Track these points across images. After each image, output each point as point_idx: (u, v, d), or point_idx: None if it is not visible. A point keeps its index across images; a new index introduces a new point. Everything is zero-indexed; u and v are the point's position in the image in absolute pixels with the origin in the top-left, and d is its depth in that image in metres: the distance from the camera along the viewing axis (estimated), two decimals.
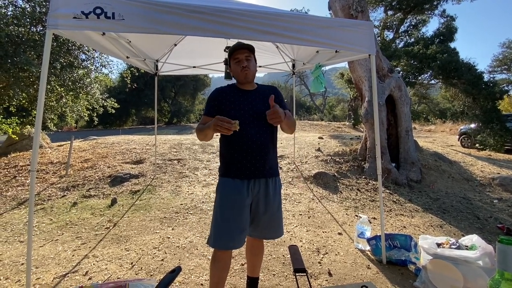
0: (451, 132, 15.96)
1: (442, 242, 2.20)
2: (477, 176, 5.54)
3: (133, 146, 6.97)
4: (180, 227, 3.22)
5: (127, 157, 6.16)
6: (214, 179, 4.98)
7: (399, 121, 5.60)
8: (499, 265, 0.60)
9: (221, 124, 1.35)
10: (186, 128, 17.25)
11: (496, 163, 7.17)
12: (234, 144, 1.54)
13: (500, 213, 3.96)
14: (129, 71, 8.85)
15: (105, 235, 3.06)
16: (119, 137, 8.39)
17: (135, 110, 25.55)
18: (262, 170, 1.56)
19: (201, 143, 7.33)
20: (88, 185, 4.76)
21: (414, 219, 3.62)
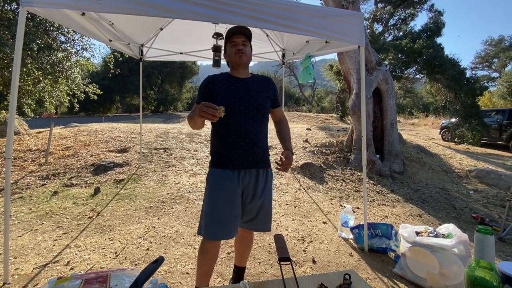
0: (433, 126, 16.53)
1: (421, 231, 2.30)
2: (456, 168, 5.80)
3: (117, 134, 6.76)
4: (166, 217, 3.19)
5: (111, 145, 5.98)
6: (201, 169, 4.94)
7: (385, 113, 5.72)
8: (476, 254, 0.62)
9: (206, 109, 1.29)
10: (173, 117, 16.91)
11: (473, 156, 7.52)
12: (225, 134, 1.50)
13: (475, 204, 4.17)
14: (112, 56, 8.47)
15: (88, 225, 2.99)
16: (103, 125, 8.10)
17: (119, 97, 24.69)
18: (253, 161, 1.53)
19: (188, 132, 7.21)
20: (70, 173, 4.60)
21: (395, 209, 3.76)
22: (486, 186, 4.99)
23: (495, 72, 26.88)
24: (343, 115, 16.89)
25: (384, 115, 5.72)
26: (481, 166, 5.84)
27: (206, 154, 5.72)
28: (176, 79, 25.27)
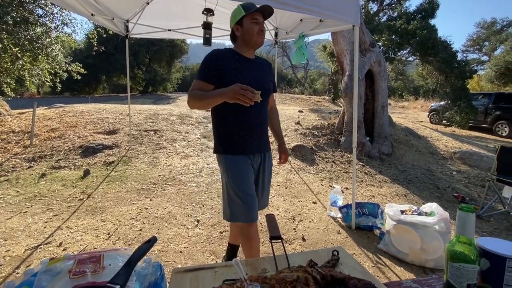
0: (422, 109, 16.80)
1: (405, 210, 2.40)
2: (441, 150, 5.98)
3: (105, 116, 6.58)
4: (158, 198, 3.20)
5: (99, 127, 5.83)
6: (193, 151, 4.92)
7: (377, 96, 5.74)
8: (457, 230, 0.65)
9: (244, 93, 1.19)
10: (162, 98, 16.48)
11: (459, 138, 7.75)
12: (237, 119, 1.45)
13: (457, 184, 4.36)
14: (95, 32, 8.03)
15: (79, 207, 2.97)
16: (89, 106, 7.84)
17: (105, 77, 23.72)
18: (262, 145, 1.56)
19: (179, 114, 7.09)
20: (57, 155, 4.50)
21: (382, 189, 3.90)
22: (468, 167, 5.19)
23: (485, 56, 27.11)
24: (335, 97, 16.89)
25: (376, 98, 5.75)
26: (465, 148, 6.05)
27: (198, 136, 5.67)
28: (165, 58, 24.35)
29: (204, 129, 6.15)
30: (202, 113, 7.37)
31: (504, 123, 9.91)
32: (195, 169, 4.13)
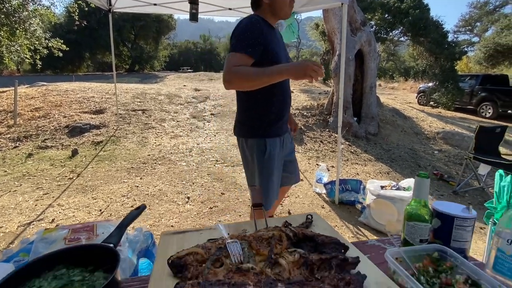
0: (412, 90, 16.98)
1: (385, 185, 2.55)
2: (425, 131, 6.19)
3: (91, 95, 6.40)
4: (149, 177, 3.25)
5: (85, 106, 5.69)
6: (182, 131, 4.92)
7: (365, 76, 5.78)
8: (414, 194, 0.74)
9: (318, 70, 1.06)
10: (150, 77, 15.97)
11: (443, 119, 7.99)
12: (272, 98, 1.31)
13: (437, 162, 4.58)
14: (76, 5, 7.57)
15: (69, 185, 3.00)
16: (73, 84, 7.57)
17: (89, 54, 22.62)
18: (287, 123, 1.50)
19: (167, 93, 6.96)
20: (43, 135, 4.41)
21: (366, 167, 4.06)
22: (450, 147, 5.42)
23: (476, 37, 27.17)
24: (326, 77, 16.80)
25: (365, 78, 5.79)
26: (448, 129, 6.27)
27: (187, 117, 5.64)
28: (151, 34, 23.29)
29: (193, 109, 6.10)
30: (191, 93, 7.27)
31: (488, 105, 10.19)
32: (185, 149, 4.16)
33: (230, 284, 0.52)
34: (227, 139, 4.63)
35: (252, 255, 0.64)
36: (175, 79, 13.17)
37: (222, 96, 7.08)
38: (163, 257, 0.65)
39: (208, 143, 4.43)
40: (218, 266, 0.60)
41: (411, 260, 0.64)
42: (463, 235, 0.70)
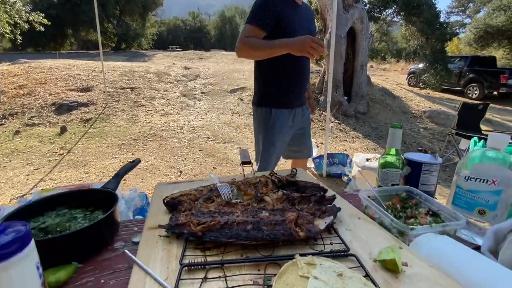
0: (403, 71, 17.06)
1: (370, 158, 2.66)
2: (413, 110, 6.34)
3: (77, 72, 6.19)
4: (140, 152, 3.27)
5: (71, 84, 5.52)
6: (172, 109, 4.88)
7: (357, 55, 5.78)
8: (388, 144, 0.81)
9: (316, 47, 1.08)
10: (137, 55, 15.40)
11: (431, 99, 8.16)
12: (285, 71, 1.34)
13: (422, 139, 4.76)
14: None
15: (60, 161, 2.99)
16: (57, 62, 7.27)
17: (72, 31, 21.46)
18: (303, 99, 1.49)
19: (156, 71, 6.80)
20: (29, 113, 4.31)
21: (354, 144, 4.19)
22: (435, 125, 5.60)
23: (468, 18, 27.08)
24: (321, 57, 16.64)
25: (356, 57, 5.79)
26: (435, 108, 6.43)
27: (177, 95, 5.57)
28: (137, 10, 22.16)
29: (183, 87, 6.01)
30: (181, 71, 7.12)
31: (475, 86, 10.40)
32: (176, 126, 4.16)
33: (220, 213, 0.58)
34: (218, 118, 4.63)
35: (241, 195, 0.70)
36: (163, 57, 12.76)
37: (212, 75, 6.98)
38: (158, 200, 0.71)
39: (199, 121, 4.43)
40: (210, 203, 0.66)
41: (382, 199, 0.72)
42: (430, 179, 0.79)
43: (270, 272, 0.46)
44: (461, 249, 0.49)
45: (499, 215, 0.62)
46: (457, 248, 0.49)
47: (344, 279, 0.42)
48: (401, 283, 0.43)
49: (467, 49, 19.91)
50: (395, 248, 0.48)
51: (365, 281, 0.41)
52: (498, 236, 0.55)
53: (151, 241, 0.55)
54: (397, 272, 0.45)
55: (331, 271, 0.44)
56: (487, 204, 0.63)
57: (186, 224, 0.55)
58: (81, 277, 0.51)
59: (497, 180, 0.61)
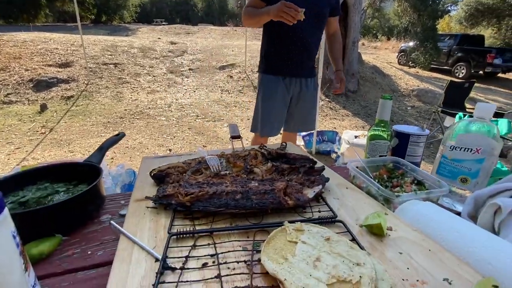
0: (393, 49, 16.94)
1: (359, 135, 2.70)
2: (402, 88, 6.39)
3: (54, 46, 5.80)
4: (127, 131, 3.18)
5: (48, 58, 5.19)
6: (159, 86, 4.71)
7: (349, 31, 5.65)
8: (377, 115, 0.81)
9: (288, 10, 1.12)
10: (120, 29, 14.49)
11: (419, 78, 8.22)
12: (279, 39, 1.41)
13: (409, 117, 4.85)
14: None
15: (42, 140, 2.88)
16: (32, 35, 6.75)
17: (46, 0, 19.81)
18: (300, 70, 1.51)
19: (141, 46, 6.47)
20: (5, 90, 4.06)
21: (344, 122, 4.22)
22: (422, 104, 5.70)
23: None
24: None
25: (348, 33, 5.66)
26: (423, 87, 6.50)
27: (164, 71, 5.36)
28: None
29: (170, 63, 5.77)
30: (166, 47, 6.80)
31: (462, 65, 10.49)
32: (164, 104, 4.04)
33: (208, 183, 0.57)
34: (207, 95, 4.53)
35: (230, 167, 0.69)
36: (148, 32, 12.09)
37: (200, 51, 6.71)
38: (145, 173, 0.69)
39: (188, 99, 4.32)
40: (198, 175, 0.65)
41: (370, 170, 0.73)
42: (416, 150, 0.80)
43: (259, 239, 0.46)
44: (443, 214, 0.51)
45: (479, 182, 0.64)
46: (440, 212, 0.51)
47: (331, 243, 0.43)
48: (385, 246, 0.45)
49: (457, 27, 19.85)
50: (381, 214, 0.49)
51: (352, 244, 0.42)
52: (477, 202, 0.57)
53: (138, 212, 0.54)
54: (382, 236, 0.47)
55: (319, 236, 0.44)
56: (469, 173, 0.65)
57: (174, 195, 0.54)
58: (67, 249, 0.51)
59: (480, 149, 0.62)
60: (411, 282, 0.38)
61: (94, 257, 0.49)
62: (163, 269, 0.38)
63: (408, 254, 0.43)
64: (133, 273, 0.38)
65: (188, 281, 0.37)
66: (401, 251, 0.44)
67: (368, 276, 0.36)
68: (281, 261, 0.39)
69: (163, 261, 0.39)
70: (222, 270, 0.39)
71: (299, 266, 0.38)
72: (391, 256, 0.43)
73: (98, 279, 0.44)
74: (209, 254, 0.42)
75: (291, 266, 0.38)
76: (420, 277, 0.38)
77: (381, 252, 0.44)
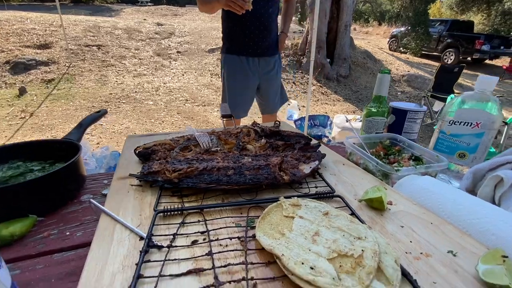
0: (385, 35, 16.84)
1: (350, 119, 2.69)
2: (392, 73, 6.39)
3: (32, 26, 5.43)
4: (114, 115, 3.07)
5: (26, 39, 4.87)
6: (146, 69, 4.53)
7: (341, 14, 5.54)
8: (375, 90, 0.78)
9: (236, 0, 1.21)
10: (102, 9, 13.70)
11: (410, 63, 8.25)
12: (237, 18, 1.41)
13: None
14: None
15: (22, 125, 2.74)
16: (6, 13, 6.29)
17: None
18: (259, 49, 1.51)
19: (125, 27, 6.15)
20: None
21: (335, 107, 4.21)
22: (412, 89, 5.74)
23: None
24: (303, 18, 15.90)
25: (340, 16, 5.56)
26: (413, 72, 6.53)
27: (150, 54, 5.14)
28: None
29: (157, 46, 5.54)
30: (153, 28, 6.50)
31: (451, 51, 10.57)
32: (151, 88, 3.90)
33: (198, 160, 0.53)
34: (196, 79, 4.39)
35: (221, 144, 0.65)
36: (133, 12, 11.50)
37: (189, 33, 6.45)
38: (129, 151, 0.64)
39: (176, 83, 4.18)
40: (187, 152, 0.61)
41: (367, 147, 0.71)
42: (413, 127, 0.78)
43: (253, 215, 0.43)
44: (444, 187, 0.49)
45: (477, 157, 0.63)
46: (440, 186, 0.49)
47: (330, 217, 0.40)
48: (386, 220, 0.43)
49: (448, 13, 19.85)
50: (381, 188, 0.47)
51: (351, 218, 0.40)
52: (476, 176, 0.56)
53: (122, 190, 0.49)
54: (382, 210, 0.45)
55: (316, 211, 0.42)
56: (468, 147, 0.63)
57: (160, 171, 0.50)
58: (42, 230, 0.46)
59: (480, 123, 0.61)
60: (415, 255, 0.36)
61: (73, 238, 0.45)
62: (148, 247, 0.35)
63: (410, 227, 0.41)
64: (115, 252, 0.35)
65: (176, 259, 0.34)
66: (403, 225, 0.42)
67: (371, 249, 0.34)
68: (278, 237, 0.36)
69: (148, 239, 0.36)
70: (214, 247, 0.36)
71: (297, 241, 0.35)
72: (392, 230, 0.40)
73: (77, 260, 0.40)
74: (200, 231, 0.39)
75: (289, 241, 0.35)
76: (424, 249, 0.37)
77: (382, 225, 0.41)
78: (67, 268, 0.39)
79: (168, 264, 0.33)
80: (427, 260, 0.35)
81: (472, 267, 0.33)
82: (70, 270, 0.39)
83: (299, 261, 0.32)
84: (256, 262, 0.33)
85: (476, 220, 0.41)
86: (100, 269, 0.32)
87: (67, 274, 0.38)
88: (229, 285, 0.30)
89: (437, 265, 0.34)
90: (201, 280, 0.31)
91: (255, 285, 0.30)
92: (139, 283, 0.30)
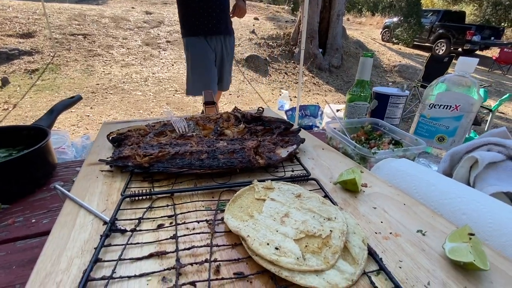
0: (378, 25, 16.77)
1: (341, 109, 2.69)
2: (384, 64, 6.40)
3: (14, 15, 5.19)
4: (101, 106, 2.99)
5: (8, 28, 4.66)
6: (134, 59, 4.41)
7: (333, 3, 5.47)
8: (357, 75, 0.77)
9: None
10: None
11: (401, 54, 8.26)
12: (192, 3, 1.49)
13: None
14: None
15: (6, 116, 2.65)
16: None
17: None
18: (217, 28, 1.58)
19: (112, 16, 5.95)
20: None
21: (326, 97, 4.21)
22: (403, 79, 5.77)
23: None
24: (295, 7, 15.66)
25: (333, 4, 5.49)
26: (404, 62, 6.55)
27: (139, 44, 5.00)
28: None
29: (145, 35, 5.39)
30: (141, 17, 6.31)
31: (443, 42, 10.61)
32: (139, 78, 3.81)
33: (171, 144, 0.52)
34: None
35: (198, 129, 0.64)
36: (120, 0, 11.12)
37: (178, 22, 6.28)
38: (103, 137, 0.62)
39: (166, 73, 4.09)
40: (162, 137, 0.59)
41: (348, 132, 0.70)
42: (395, 111, 0.77)
43: (225, 199, 0.42)
44: (419, 168, 0.49)
45: (456, 141, 0.63)
46: (415, 167, 0.49)
47: (302, 199, 0.39)
48: (359, 201, 0.42)
49: (440, 3, 19.84)
50: (356, 170, 0.46)
51: (324, 200, 0.39)
52: (453, 158, 0.56)
53: (90, 176, 0.47)
54: (356, 192, 0.44)
55: (289, 193, 0.41)
56: (447, 131, 0.63)
57: (131, 156, 0.48)
58: (7, 217, 0.44)
59: (459, 105, 0.60)
60: (384, 234, 0.35)
61: (39, 225, 0.43)
62: (110, 232, 0.33)
63: (382, 208, 0.41)
64: (75, 238, 0.33)
65: (139, 243, 0.32)
66: (375, 206, 0.41)
67: (339, 230, 0.33)
68: (246, 219, 0.35)
69: (111, 223, 0.34)
70: (180, 231, 0.35)
71: (265, 223, 0.34)
72: (364, 211, 0.40)
73: (41, 248, 0.38)
74: (167, 216, 0.37)
75: (256, 222, 0.34)
76: (394, 229, 0.36)
77: (354, 207, 0.41)
78: (29, 255, 0.38)
79: (130, 248, 0.32)
80: (396, 239, 0.34)
81: (440, 246, 0.33)
82: (32, 257, 0.37)
83: (264, 242, 0.31)
84: (222, 244, 0.33)
85: (448, 200, 0.41)
86: (58, 254, 0.31)
87: (29, 261, 0.37)
88: (191, 267, 0.29)
89: (405, 245, 0.34)
90: (162, 263, 0.30)
91: (219, 266, 0.30)
92: (97, 267, 0.29)
